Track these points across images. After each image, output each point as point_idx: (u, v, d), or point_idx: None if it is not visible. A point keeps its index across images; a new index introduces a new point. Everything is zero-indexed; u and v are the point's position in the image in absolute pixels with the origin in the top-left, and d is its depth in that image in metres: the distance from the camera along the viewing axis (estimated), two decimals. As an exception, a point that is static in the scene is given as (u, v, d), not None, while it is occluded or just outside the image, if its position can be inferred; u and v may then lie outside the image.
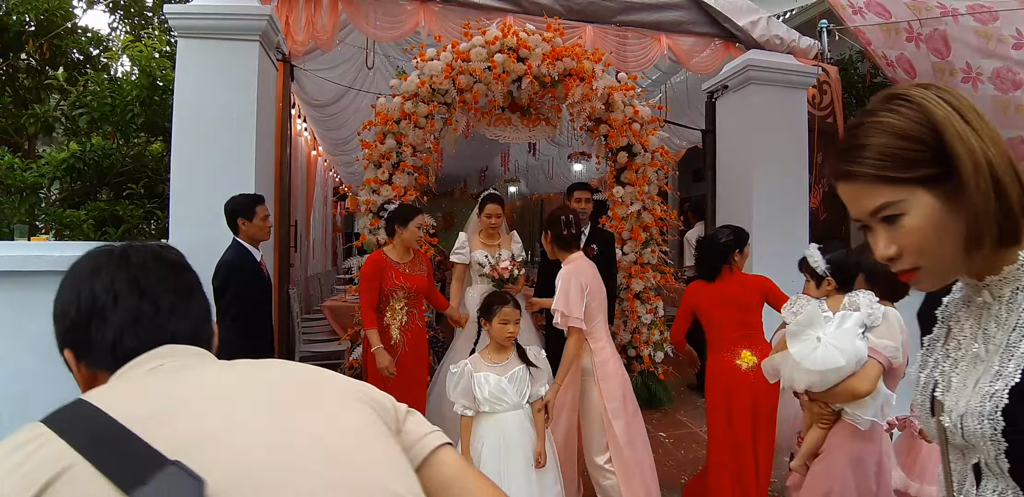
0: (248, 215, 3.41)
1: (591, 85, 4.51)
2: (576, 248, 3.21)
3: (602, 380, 3.03)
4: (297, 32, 4.63)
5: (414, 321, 3.58)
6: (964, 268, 0.89)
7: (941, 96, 0.86)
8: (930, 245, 0.85)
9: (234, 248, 3.38)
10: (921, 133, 0.84)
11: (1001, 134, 0.83)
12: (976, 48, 5.45)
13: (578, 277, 3.02)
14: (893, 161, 0.85)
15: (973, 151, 0.82)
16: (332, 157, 9.09)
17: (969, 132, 0.83)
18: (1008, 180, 0.82)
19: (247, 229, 3.42)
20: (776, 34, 5.37)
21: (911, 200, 0.85)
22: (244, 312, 3.25)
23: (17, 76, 6.40)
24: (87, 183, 5.53)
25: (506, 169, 11.82)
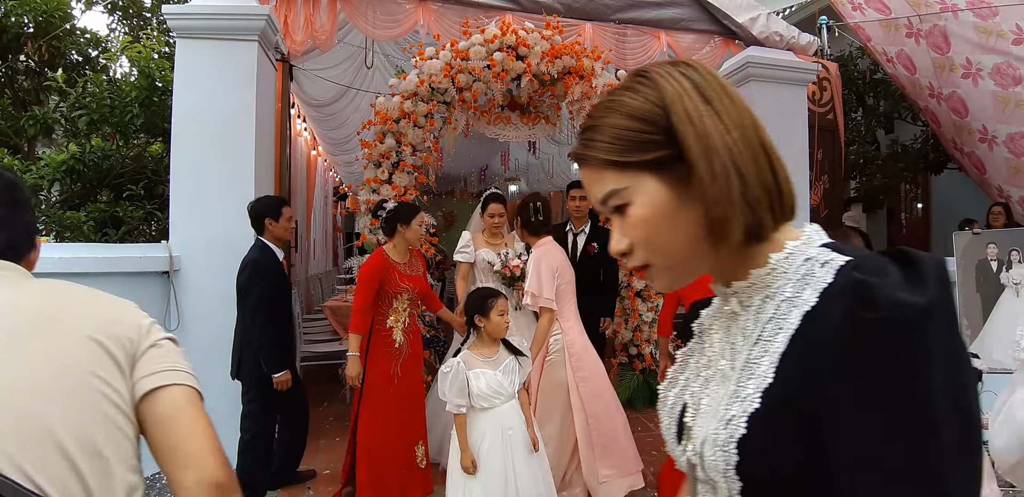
0: (275, 216, 3.56)
1: (591, 83, 4.50)
2: (545, 233, 3.40)
3: (572, 357, 3.22)
4: (296, 32, 4.63)
5: (414, 322, 3.54)
6: (708, 268, 0.78)
7: (683, 72, 0.74)
8: (659, 238, 0.73)
9: (259, 247, 3.54)
10: (652, 113, 0.72)
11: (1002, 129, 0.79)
12: (976, 44, 5.44)
13: (548, 260, 3.20)
14: (620, 144, 0.73)
15: (705, 133, 0.70)
16: (332, 157, 9.08)
17: (704, 112, 0.71)
18: (749, 168, 0.71)
19: (273, 229, 3.58)
20: (775, 31, 5.35)
21: (636, 187, 0.72)
22: (268, 310, 3.44)
23: (16, 78, 6.39)
24: (87, 185, 5.52)
25: (506, 168, 11.81)
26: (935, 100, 6.25)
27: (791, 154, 5.15)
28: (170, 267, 3.86)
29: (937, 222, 9.20)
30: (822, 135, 5.94)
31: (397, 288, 3.41)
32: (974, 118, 5.94)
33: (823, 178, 6.08)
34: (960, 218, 7.02)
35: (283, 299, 3.65)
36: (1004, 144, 5.84)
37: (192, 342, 3.96)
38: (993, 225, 5.90)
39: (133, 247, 4.02)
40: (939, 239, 8.87)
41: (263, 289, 3.44)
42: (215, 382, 3.96)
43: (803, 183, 5.28)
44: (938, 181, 8.79)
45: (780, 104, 5.15)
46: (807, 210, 5.28)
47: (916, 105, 6.90)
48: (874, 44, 6.55)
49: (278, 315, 3.56)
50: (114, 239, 5.01)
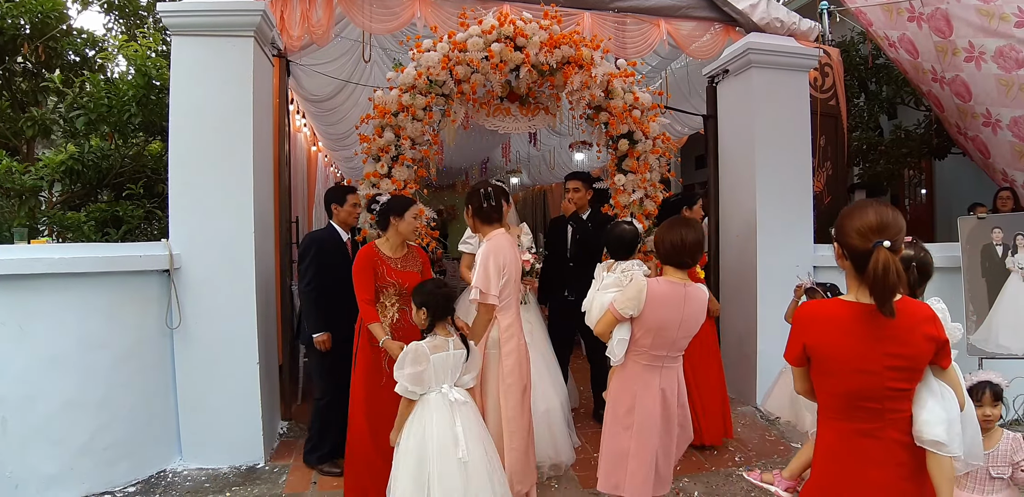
0: (340, 202, 4.08)
1: (590, 72, 4.45)
2: (497, 221, 3.32)
3: (504, 356, 3.19)
4: (292, 27, 4.60)
5: (406, 319, 3.42)
6: None
7: None
8: None
9: (326, 227, 4.12)
10: None
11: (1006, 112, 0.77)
12: (978, 27, 5.39)
13: (497, 256, 3.14)
14: None
15: None
16: (332, 152, 9.05)
17: None
18: None
19: (338, 213, 4.10)
20: (776, 17, 5.31)
21: None
22: (320, 279, 3.84)
23: (13, 80, 6.36)
24: (87, 185, 5.51)
25: (507, 160, 11.76)
26: (938, 84, 6.20)
27: (794, 141, 5.13)
28: (171, 265, 3.85)
29: (942, 207, 9.16)
30: (825, 121, 5.90)
31: (383, 282, 3.38)
32: (977, 102, 5.89)
33: (826, 165, 6.04)
34: (965, 203, 6.99)
35: (336, 271, 3.79)
36: (1008, 127, 5.80)
37: (194, 340, 3.97)
38: (1001, 210, 5.87)
39: (133, 246, 4.00)
40: (944, 224, 8.83)
41: (312, 258, 3.86)
42: (219, 379, 3.97)
43: (806, 170, 5.24)
44: (942, 166, 8.74)
45: (782, 91, 5.11)
46: (811, 198, 5.23)
47: (919, 89, 6.84)
48: (876, 29, 6.49)
49: (327, 285, 3.84)
50: (115, 238, 5.00)
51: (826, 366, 1.90)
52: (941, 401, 1.83)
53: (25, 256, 3.48)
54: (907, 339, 1.80)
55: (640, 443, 2.77)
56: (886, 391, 1.81)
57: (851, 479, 1.88)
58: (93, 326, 3.63)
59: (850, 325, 1.84)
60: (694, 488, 3.71)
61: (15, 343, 3.44)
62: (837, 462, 1.91)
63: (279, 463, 4.08)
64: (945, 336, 1.84)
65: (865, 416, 1.85)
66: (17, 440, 3.44)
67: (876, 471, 1.84)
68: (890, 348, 1.80)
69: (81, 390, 3.58)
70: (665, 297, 2.70)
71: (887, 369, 1.80)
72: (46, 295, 3.51)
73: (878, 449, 1.84)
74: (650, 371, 2.80)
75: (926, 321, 1.83)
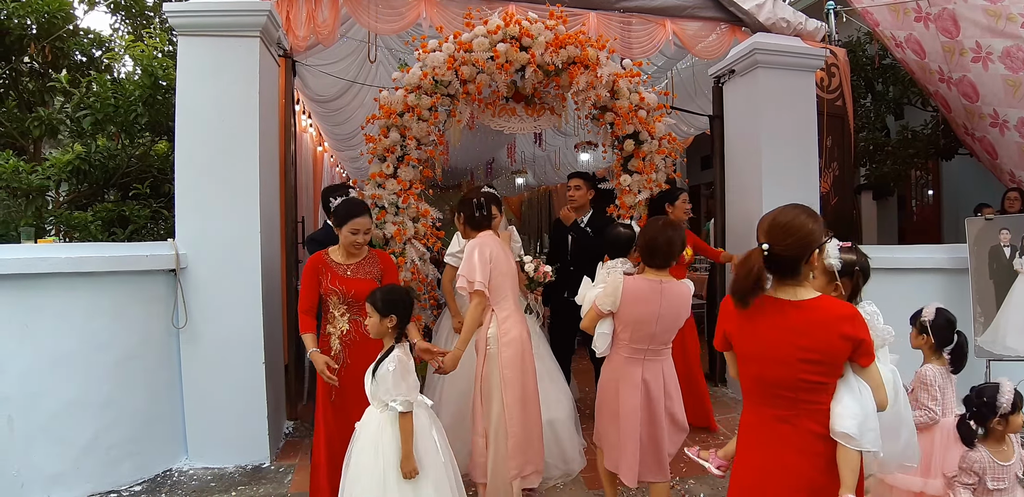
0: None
1: (596, 72, 4.45)
2: (486, 228, 3.46)
3: (503, 347, 3.27)
4: (298, 27, 4.60)
5: (358, 330, 3.21)
6: None
7: None
8: None
9: (322, 228, 4.14)
10: None
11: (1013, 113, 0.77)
12: (985, 27, 5.37)
13: (483, 247, 3.26)
14: None
15: None
16: (338, 152, 9.07)
17: None
18: None
19: None
20: (782, 17, 5.29)
21: None
22: None
23: (20, 80, 6.39)
24: (93, 184, 5.53)
25: (513, 161, 11.75)
26: (945, 85, 6.18)
27: (800, 141, 5.11)
28: (177, 265, 3.86)
29: (948, 208, 9.13)
30: (831, 122, 5.88)
31: (326, 290, 3.21)
32: (984, 102, 5.87)
33: (832, 165, 6.02)
34: (972, 204, 6.96)
35: None
36: (1015, 128, 5.77)
37: (200, 339, 3.97)
38: (1008, 211, 5.84)
39: (140, 246, 4.01)
40: (951, 225, 8.80)
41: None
42: (225, 378, 3.98)
43: (812, 170, 5.22)
44: (949, 167, 8.72)
45: (788, 91, 5.09)
46: (817, 198, 5.22)
47: (926, 90, 6.82)
48: (882, 29, 6.47)
49: None
50: (121, 238, 5.02)
51: (744, 352, 2.06)
52: (858, 397, 1.92)
53: (32, 255, 3.49)
54: (819, 335, 1.90)
55: (624, 430, 2.93)
56: (799, 382, 1.92)
57: (770, 462, 1.98)
58: (99, 325, 3.64)
59: (766, 317, 1.97)
60: (699, 489, 3.71)
61: (20, 342, 3.45)
62: (759, 444, 2.04)
63: (285, 463, 4.08)
64: (863, 336, 1.90)
65: (781, 403, 1.97)
66: (22, 439, 3.45)
67: (793, 457, 1.95)
68: (802, 341, 1.91)
69: (86, 389, 3.60)
70: (640, 293, 2.87)
71: (799, 361, 1.91)
72: (52, 294, 3.52)
73: (794, 436, 1.95)
74: (632, 363, 2.95)
75: (843, 320, 1.90)
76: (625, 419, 2.93)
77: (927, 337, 2.85)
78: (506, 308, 3.36)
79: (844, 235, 6.02)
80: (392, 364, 2.65)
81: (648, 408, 2.93)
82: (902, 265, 4.62)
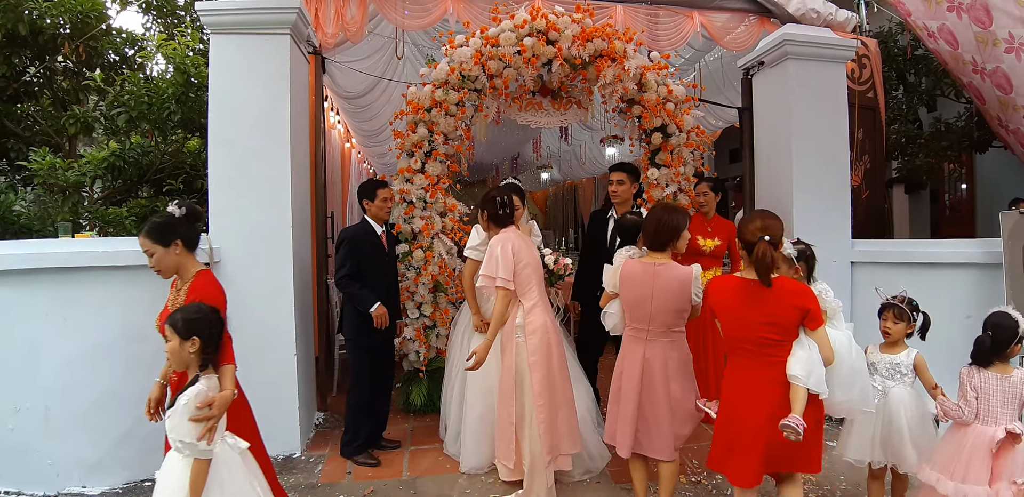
0: (371, 197, 4.04)
1: (623, 65, 4.44)
2: (509, 224, 3.55)
3: (529, 335, 3.36)
4: (327, 24, 4.65)
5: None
6: None
7: None
8: None
9: (360, 222, 4.14)
10: None
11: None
12: (1018, 18, 5.25)
13: (505, 243, 3.34)
14: None
15: None
16: (365, 149, 9.13)
17: None
18: None
19: (370, 208, 4.08)
20: (812, 7, 5.22)
21: None
22: (356, 269, 3.90)
23: (55, 78, 6.53)
24: (128, 181, 5.64)
25: (538, 155, 11.75)
26: (979, 76, 6.05)
27: (831, 134, 5.05)
28: (210, 259, 3.92)
29: (982, 202, 8.95)
30: (862, 114, 5.79)
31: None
32: (1019, 94, 5.73)
33: (864, 158, 5.93)
34: (1007, 198, 6.81)
35: (372, 263, 3.99)
36: (1052, 120, 5.64)
37: (234, 332, 4.01)
38: (1043, 204, 5.72)
39: (174, 240, 4.08)
40: (984, 220, 8.63)
41: (347, 252, 3.89)
42: (257, 370, 4.03)
43: (843, 164, 5.15)
44: (983, 160, 8.53)
45: (819, 83, 5.02)
46: (848, 192, 5.15)
47: (959, 81, 6.68)
48: (914, 19, 6.34)
49: (365, 275, 3.93)
50: (156, 233, 5.10)
51: (723, 319, 2.79)
52: (807, 352, 2.61)
53: (69, 250, 3.59)
54: (777, 305, 2.62)
55: (622, 403, 3.12)
56: (760, 339, 2.65)
57: (743, 397, 2.71)
58: (135, 318, 3.71)
59: (738, 293, 2.72)
60: (727, 486, 3.69)
61: (60, 334, 3.55)
62: (736, 386, 2.76)
63: (315, 453, 4.15)
64: (811, 306, 2.60)
65: (748, 355, 2.70)
66: (60, 429, 3.56)
67: (757, 394, 2.66)
68: (764, 310, 2.63)
69: (123, 380, 3.67)
70: (634, 275, 3.08)
71: (761, 324, 2.64)
72: (90, 288, 3.61)
73: (759, 380, 2.66)
74: (634, 341, 3.14)
75: (794, 294, 2.62)
76: (623, 393, 3.13)
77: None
78: (532, 298, 3.42)
79: (876, 229, 5.96)
80: (185, 398, 2.20)
81: (649, 385, 3.06)
82: (935, 259, 4.54)
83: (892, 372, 3.04)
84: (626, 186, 4.41)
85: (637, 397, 3.06)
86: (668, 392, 3.05)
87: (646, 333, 3.09)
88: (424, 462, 4.02)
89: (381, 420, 4.22)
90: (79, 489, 3.61)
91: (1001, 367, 2.75)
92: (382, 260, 4.07)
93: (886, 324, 3.06)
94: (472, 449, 3.84)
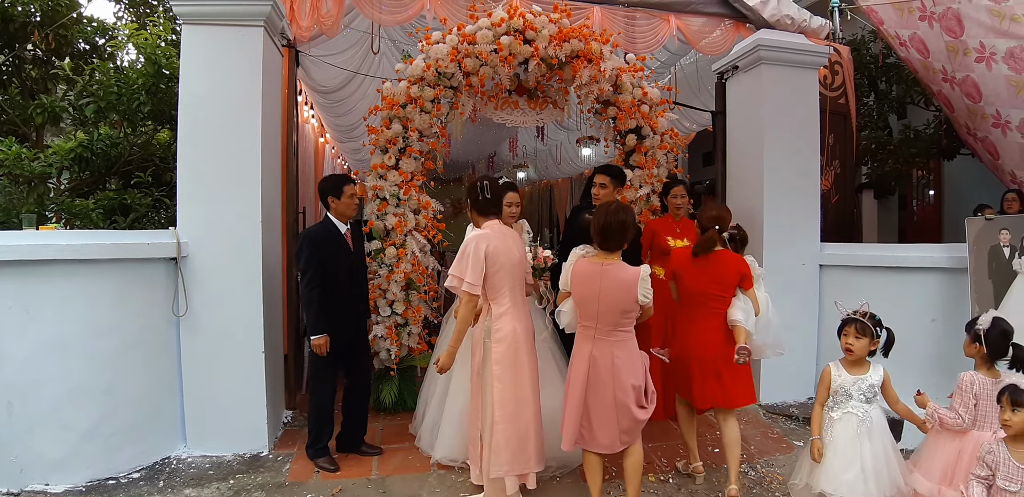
0: (336, 193, 3.84)
1: (599, 67, 4.45)
2: (494, 214, 3.49)
3: (495, 343, 3.30)
4: (302, 17, 4.60)
5: None
6: None
7: None
8: None
9: (323, 221, 3.92)
10: None
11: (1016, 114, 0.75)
12: (989, 27, 5.35)
13: (480, 242, 3.22)
14: None
15: None
16: (340, 144, 9.06)
17: None
18: None
19: (336, 206, 3.86)
20: (787, 14, 5.28)
21: None
22: (319, 273, 3.72)
23: (23, 67, 6.39)
24: (95, 172, 5.53)
25: (514, 155, 11.76)
26: (948, 84, 6.16)
27: (802, 139, 5.11)
28: (178, 253, 3.87)
29: (949, 208, 9.12)
30: (833, 120, 5.87)
31: None
32: (987, 103, 5.85)
33: (834, 163, 6.01)
34: (973, 204, 6.95)
35: (336, 265, 3.81)
36: (1017, 129, 5.75)
37: (201, 328, 3.99)
38: (1007, 212, 5.83)
39: (141, 234, 4.02)
40: (951, 225, 8.79)
41: (308, 256, 3.70)
42: (225, 367, 3.99)
43: (814, 168, 5.22)
44: (951, 167, 8.69)
45: (791, 88, 5.09)
46: (818, 196, 5.22)
47: (929, 89, 6.80)
48: (887, 27, 6.44)
49: (326, 281, 3.75)
50: (123, 226, 5.03)
51: (680, 278, 3.62)
52: (742, 304, 3.49)
53: (33, 242, 3.50)
54: (723, 270, 3.49)
55: (569, 397, 3.20)
56: (710, 294, 3.49)
57: (691, 339, 3.54)
58: (100, 312, 3.65)
59: (694, 262, 3.55)
60: (695, 484, 3.72)
61: (22, 328, 3.47)
62: (685, 332, 3.61)
63: (283, 452, 4.10)
64: (745, 271, 3.50)
65: (699, 306, 3.53)
66: (23, 424, 3.47)
67: (703, 336, 3.51)
68: (714, 272, 3.49)
69: (87, 376, 3.61)
70: (582, 274, 3.13)
71: (712, 283, 3.49)
72: (54, 281, 3.53)
73: (707, 326, 3.51)
74: (583, 339, 3.20)
75: (736, 262, 3.52)
76: (570, 387, 3.20)
77: (980, 346, 2.76)
78: (503, 304, 3.33)
79: (845, 233, 6.04)
80: None
81: (595, 382, 3.11)
82: (902, 263, 4.63)
83: (868, 395, 2.86)
84: (608, 190, 4.30)
85: (582, 393, 3.10)
86: (613, 390, 3.06)
87: (594, 331, 3.12)
88: (394, 461, 3.98)
89: (358, 422, 4.08)
90: (42, 486, 3.52)
91: (993, 371, 2.75)
92: (347, 261, 3.91)
93: (848, 341, 2.89)
94: (448, 439, 3.82)
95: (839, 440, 2.84)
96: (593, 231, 3.12)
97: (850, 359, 2.92)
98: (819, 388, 2.98)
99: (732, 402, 3.48)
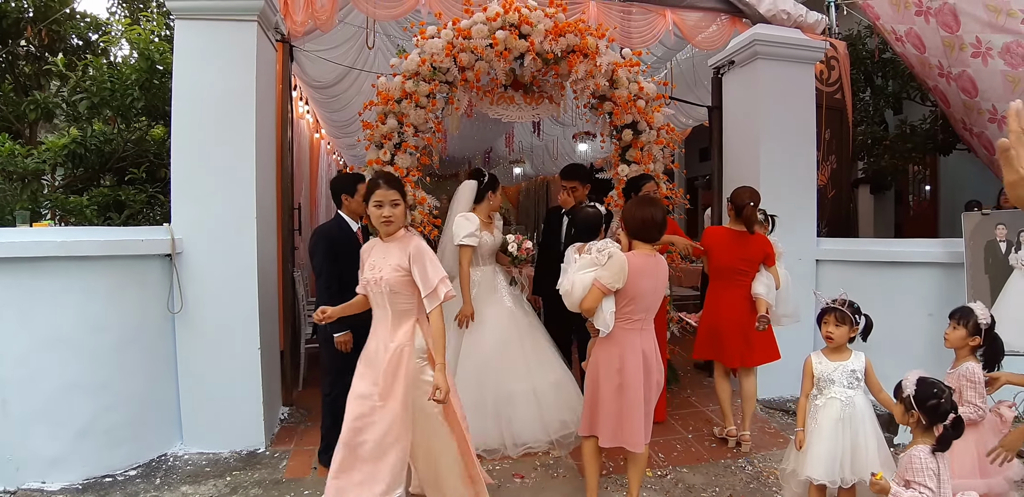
0: (351, 192, 3.78)
1: (595, 61, 4.43)
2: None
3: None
4: (296, 12, 4.57)
5: None
6: None
7: None
8: None
9: (335, 218, 3.85)
10: None
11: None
12: (986, 22, 5.35)
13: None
14: None
15: None
16: (335, 139, 9.04)
17: None
18: None
19: (349, 204, 3.80)
20: (783, 9, 5.27)
21: None
22: (335, 271, 3.62)
23: (16, 63, 6.36)
24: (89, 169, 5.51)
25: (511, 150, 11.75)
26: (944, 80, 6.16)
27: (798, 134, 5.11)
28: (172, 250, 3.85)
29: (945, 203, 9.14)
30: (830, 115, 5.87)
31: None
32: (984, 98, 5.86)
33: (830, 158, 6.01)
34: (969, 199, 6.97)
35: (350, 264, 3.63)
36: (1014, 124, 5.77)
37: (196, 324, 3.97)
38: (1004, 207, 5.84)
39: (135, 230, 4.00)
40: (947, 220, 8.82)
41: (324, 253, 3.63)
42: (221, 364, 3.98)
43: (810, 163, 5.22)
44: (947, 162, 8.72)
45: (787, 83, 5.08)
46: (814, 191, 5.22)
47: (925, 85, 6.80)
48: (883, 22, 6.44)
49: (343, 278, 3.57)
50: (117, 223, 5.01)
51: (712, 254, 4.13)
52: (765, 280, 4.02)
53: (27, 239, 3.48)
54: (750, 249, 4.00)
55: (631, 398, 3.04)
56: (737, 269, 4.03)
57: (720, 308, 4.11)
58: (95, 309, 3.64)
59: (725, 237, 4.08)
60: (693, 479, 3.72)
61: (17, 325, 3.45)
62: (714, 301, 4.18)
63: (280, 448, 4.09)
64: (770, 251, 4.02)
65: (727, 279, 4.08)
66: (18, 422, 3.45)
67: (731, 305, 4.07)
68: (743, 250, 4.01)
69: (83, 373, 3.59)
70: (643, 268, 3.06)
71: (740, 259, 4.02)
72: (48, 278, 3.51)
73: (734, 297, 4.06)
74: (633, 334, 3.10)
75: (762, 242, 4.02)
76: (630, 388, 3.04)
77: (979, 339, 2.88)
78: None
79: (841, 228, 6.04)
80: None
81: (647, 373, 3.09)
82: (899, 258, 4.63)
83: (851, 380, 2.92)
84: (579, 191, 4.61)
85: (644, 390, 3.06)
86: (655, 381, 3.16)
87: (641, 323, 3.12)
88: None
89: None
90: (39, 484, 3.51)
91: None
92: (355, 258, 3.85)
93: (827, 328, 2.97)
94: None
95: (823, 426, 2.88)
96: (638, 223, 3.11)
97: (831, 347, 3.00)
98: (803, 379, 3.03)
99: (755, 361, 4.09)
